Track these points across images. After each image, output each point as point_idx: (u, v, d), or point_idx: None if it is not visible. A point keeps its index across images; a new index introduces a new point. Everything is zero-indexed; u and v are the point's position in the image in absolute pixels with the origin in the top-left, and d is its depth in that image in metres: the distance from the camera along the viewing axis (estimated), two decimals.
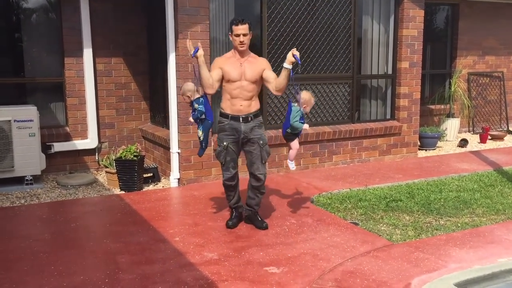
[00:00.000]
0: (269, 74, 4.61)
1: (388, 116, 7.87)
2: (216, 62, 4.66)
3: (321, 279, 3.68)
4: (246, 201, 4.83)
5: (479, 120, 10.38)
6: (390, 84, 7.83)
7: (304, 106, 4.74)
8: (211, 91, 4.52)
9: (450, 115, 9.55)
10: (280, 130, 6.80)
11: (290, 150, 4.92)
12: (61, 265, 3.92)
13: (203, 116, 4.59)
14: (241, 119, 4.57)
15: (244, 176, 5.19)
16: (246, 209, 4.88)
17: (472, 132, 10.25)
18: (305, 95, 4.79)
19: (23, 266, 3.90)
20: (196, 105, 4.60)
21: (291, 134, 4.79)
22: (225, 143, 4.59)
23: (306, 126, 4.73)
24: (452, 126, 9.42)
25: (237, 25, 4.50)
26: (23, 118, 6.05)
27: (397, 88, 7.76)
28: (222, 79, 4.57)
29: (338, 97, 7.38)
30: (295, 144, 4.87)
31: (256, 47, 6.85)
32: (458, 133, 9.73)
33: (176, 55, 6.16)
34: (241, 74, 4.54)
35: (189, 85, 4.67)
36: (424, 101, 9.49)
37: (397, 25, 7.63)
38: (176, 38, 6.10)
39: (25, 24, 6.87)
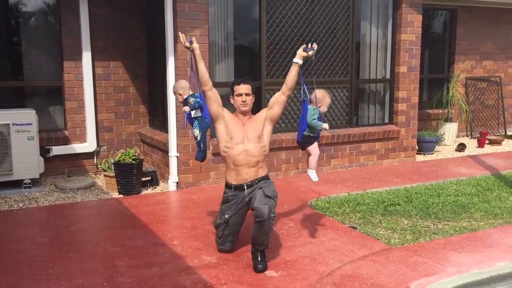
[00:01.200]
0: (271, 104, 4.28)
1: (386, 120, 7.88)
2: (220, 103, 4.23)
3: (320, 283, 3.68)
4: (251, 238, 4.06)
5: (477, 125, 10.41)
6: (388, 88, 7.85)
7: (319, 105, 4.41)
8: (207, 88, 4.12)
9: (448, 119, 9.57)
10: (278, 134, 6.82)
11: (310, 157, 4.48)
12: (60, 268, 3.91)
13: (199, 113, 4.26)
14: (245, 187, 4.15)
15: None
16: (252, 244, 4.07)
17: (470, 137, 10.28)
18: (319, 93, 4.44)
19: (21, 269, 3.90)
20: (191, 99, 4.30)
21: (309, 137, 4.40)
22: (226, 216, 4.16)
23: (325, 125, 4.31)
24: (450, 131, 9.44)
25: (238, 84, 4.18)
26: (21, 121, 6.05)
27: (395, 92, 7.78)
28: (223, 140, 4.17)
29: (336, 101, 7.40)
30: (314, 149, 4.44)
31: (255, 51, 6.89)
32: (456, 137, 9.75)
33: (175, 59, 6.17)
34: (244, 137, 4.15)
35: (182, 82, 4.42)
36: (422, 105, 9.52)
37: (395, 29, 7.66)
38: (175, 42, 6.12)
39: (24, 28, 6.88)
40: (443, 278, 3.75)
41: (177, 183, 6.37)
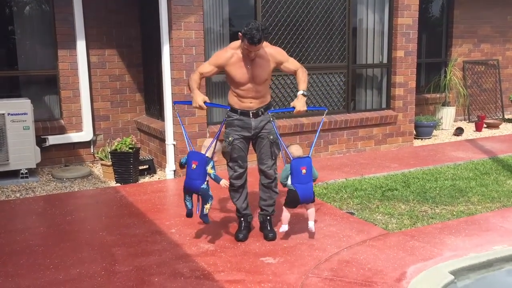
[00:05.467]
0: (290, 67, 4.21)
1: (384, 106, 7.86)
2: (218, 59, 4.11)
3: (317, 268, 3.69)
4: (259, 203, 4.41)
5: (474, 109, 10.39)
6: (386, 73, 7.81)
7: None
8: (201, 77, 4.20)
9: (445, 103, 9.55)
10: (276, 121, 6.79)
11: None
12: (57, 258, 3.91)
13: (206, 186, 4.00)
14: (251, 114, 4.16)
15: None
16: (259, 213, 4.41)
17: (467, 121, 10.26)
18: (297, 151, 4.14)
19: (19, 259, 3.90)
20: (209, 169, 3.97)
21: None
22: (230, 139, 4.18)
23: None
24: (447, 115, 9.43)
25: (254, 44, 3.85)
26: (17, 111, 6.01)
27: (393, 77, 7.74)
28: (229, 81, 4.16)
29: (333, 86, 7.37)
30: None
31: None
32: (454, 121, 9.74)
33: (170, 46, 6.12)
34: (250, 78, 4.08)
35: (206, 141, 4.20)
36: (419, 90, 9.48)
37: (392, 13, 7.60)
38: (170, 29, 6.06)
39: (18, 17, 6.81)
40: (440, 262, 3.76)
41: (174, 171, 6.36)
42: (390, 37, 7.66)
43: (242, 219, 4.35)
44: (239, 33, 3.94)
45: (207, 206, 4.00)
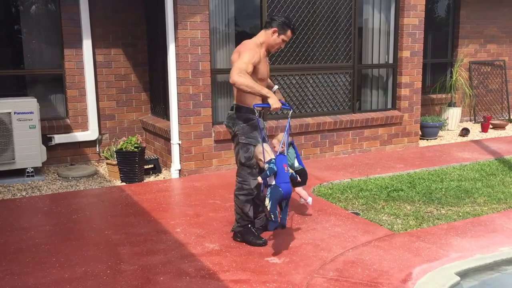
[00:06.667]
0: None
1: (389, 106, 7.84)
2: (255, 57, 3.99)
3: (322, 269, 3.68)
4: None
5: (480, 109, 10.34)
6: (391, 73, 7.79)
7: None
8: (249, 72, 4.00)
9: (451, 104, 9.51)
10: (281, 121, 6.80)
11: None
12: (63, 256, 3.92)
13: (272, 181, 3.76)
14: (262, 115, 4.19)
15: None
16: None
17: (473, 121, 10.22)
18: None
19: (25, 258, 3.91)
20: (266, 166, 3.82)
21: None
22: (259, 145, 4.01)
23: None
24: (453, 116, 9.39)
25: (294, 33, 4.16)
26: (23, 110, 6.03)
27: (398, 77, 7.72)
28: (254, 76, 4.01)
29: (338, 87, 7.36)
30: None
31: None
32: (460, 122, 9.71)
33: (176, 46, 6.13)
34: (268, 74, 4.21)
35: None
36: (425, 90, 9.45)
37: (398, 13, 7.58)
38: (176, 28, 6.07)
39: (24, 16, 6.84)
40: (446, 263, 3.75)
41: (179, 170, 6.37)
42: (396, 37, 7.64)
43: (250, 225, 4.25)
44: (273, 28, 4.06)
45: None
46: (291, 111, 4.30)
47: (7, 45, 6.92)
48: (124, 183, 6.09)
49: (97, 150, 7.15)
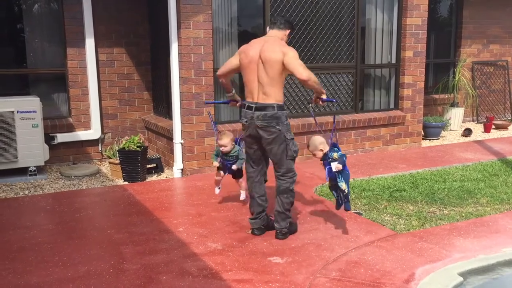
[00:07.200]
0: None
1: (392, 106, 7.83)
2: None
3: (325, 269, 3.68)
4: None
5: (483, 110, 10.32)
6: (394, 73, 7.78)
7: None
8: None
9: (454, 104, 9.50)
10: None
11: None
12: (65, 255, 3.93)
13: (341, 167, 4.08)
14: None
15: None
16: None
17: (476, 122, 10.21)
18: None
19: (28, 256, 3.92)
20: (335, 154, 4.17)
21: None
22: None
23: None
24: (456, 116, 9.38)
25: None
26: (26, 109, 6.04)
27: (401, 77, 7.71)
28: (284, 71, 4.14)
29: (341, 86, 7.35)
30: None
31: (259, 37, 6.80)
32: (462, 122, 9.69)
33: (178, 45, 6.13)
34: None
35: (319, 138, 4.26)
36: (428, 90, 9.44)
37: (401, 13, 7.56)
38: (179, 27, 6.07)
39: (27, 15, 6.84)
40: (449, 264, 3.74)
41: (182, 170, 6.37)
42: (399, 37, 7.63)
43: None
44: (287, 29, 4.36)
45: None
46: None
47: (10, 44, 6.93)
48: (127, 182, 6.09)
49: (100, 149, 7.16)
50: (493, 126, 9.44)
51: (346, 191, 4.12)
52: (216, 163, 4.84)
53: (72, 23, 6.78)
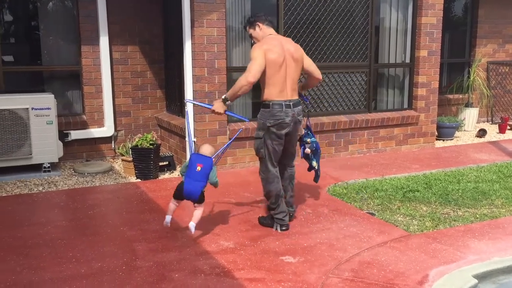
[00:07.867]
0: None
1: (406, 106, 7.77)
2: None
3: (338, 269, 3.66)
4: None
5: (498, 110, 10.20)
6: (408, 73, 7.72)
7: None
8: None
9: (468, 104, 9.40)
10: None
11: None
12: (79, 252, 3.95)
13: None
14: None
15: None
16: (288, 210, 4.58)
17: (490, 122, 10.09)
18: (206, 150, 4.30)
19: (42, 252, 3.95)
20: (307, 139, 4.80)
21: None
22: None
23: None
24: (470, 116, 9.28)
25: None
26: (40, 106, 6.09)
27: (415, 77, 7.65)
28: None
29: (354, 86, 7.31)
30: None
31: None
32: (477, 123, 9.58)
33: (192, 43, 6.13)
34: None
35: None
36: (442, 90, 9.35)
37: (416, 12, 7.50)
38: (192, 26, 6.07)
39: (42, 12, 6.90)
40: (464, 265, 3.70)
41: None
42: (414, 36, 7.56)
43: None
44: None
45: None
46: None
47: (25, 41, 7.00)
48: (139, 180, 6.12)
49: (113, 146, 7.20)
50: (508, 127, 9.33)
51: (316, 167, 4.85)
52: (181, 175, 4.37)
53: (87, 21, 6.82)
